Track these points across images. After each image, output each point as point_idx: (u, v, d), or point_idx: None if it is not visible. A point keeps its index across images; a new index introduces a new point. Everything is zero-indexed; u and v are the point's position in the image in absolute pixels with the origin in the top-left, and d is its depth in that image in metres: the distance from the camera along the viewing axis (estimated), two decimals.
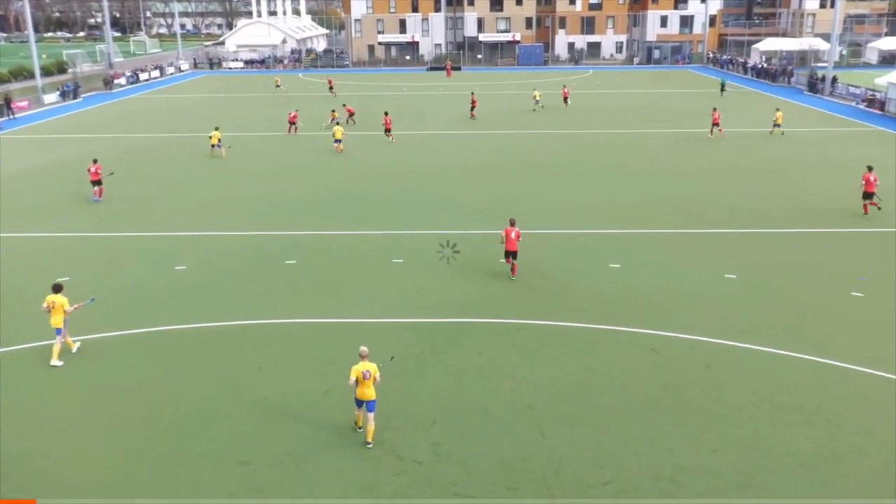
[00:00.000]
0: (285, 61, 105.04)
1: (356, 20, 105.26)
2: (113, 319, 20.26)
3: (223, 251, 26.09)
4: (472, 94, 58.35)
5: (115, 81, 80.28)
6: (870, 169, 29.83)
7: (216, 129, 43.77)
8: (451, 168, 38.47)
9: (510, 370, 17.51)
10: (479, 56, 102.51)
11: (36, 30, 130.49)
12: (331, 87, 70.77)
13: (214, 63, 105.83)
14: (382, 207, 31.41)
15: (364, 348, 15.07)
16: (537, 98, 59.86)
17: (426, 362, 17.95)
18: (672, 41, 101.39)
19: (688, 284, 22.52)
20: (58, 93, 69.11)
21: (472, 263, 24.50)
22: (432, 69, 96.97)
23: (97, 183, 33.49)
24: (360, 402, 15.03)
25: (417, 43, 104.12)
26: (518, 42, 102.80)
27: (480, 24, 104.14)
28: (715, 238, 26.93)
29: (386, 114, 47.63)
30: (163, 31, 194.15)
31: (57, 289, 18.49)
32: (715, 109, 47.95)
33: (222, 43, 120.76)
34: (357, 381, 14.81)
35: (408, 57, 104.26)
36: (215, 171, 38.84)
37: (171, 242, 27.17)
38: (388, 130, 46.07)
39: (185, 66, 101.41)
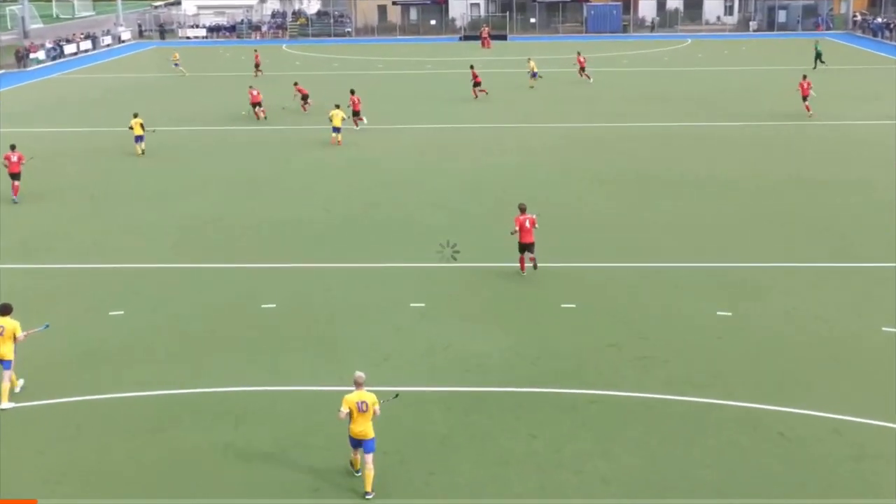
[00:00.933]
0: (263, 28, 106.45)
1: None
2: (28, 384, 20.36)
3: (174, 291, 26.25)
4: (472, 67, 60.48)
5: (31, 56, 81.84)
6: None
7: (135, 115, 44.90)
8: (486, 173, 38.52)
9: (578, 461, 17.32)
10: (533, 20, 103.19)
11: None
12: (257, 65, 70.78)
13: (167, 31, 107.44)
14: (392, 229, 31.48)
15: (360, 374, 16.42)
16: (534, 69, 63.83)
17: (458, 448, 17.83)
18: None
19: (829, 341, 22.26)
20: None
21: (522, 308, 24.41)
22: (466, 38, 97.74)
23: (16, 176, 35.82)
24: (355, 442, 16.39)
25: (447, 3, 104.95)
26: (587, 1, 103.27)
27: None
28: (868, 275, 26.65)
29: (352, 92, 50.16)
30: None
31: (6, 310, 19.68)
32: (805, 77, 50.77)
33: (178, 3, 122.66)
34: (350, 414, 16.13)
35: (433, 22, 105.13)
36: (160, 178, 39.24)
37: (102, 278, 27.39)
38: (356, 113, 49.04)
39: (126, 34, 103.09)
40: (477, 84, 58.44)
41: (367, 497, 16.05)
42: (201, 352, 22.16)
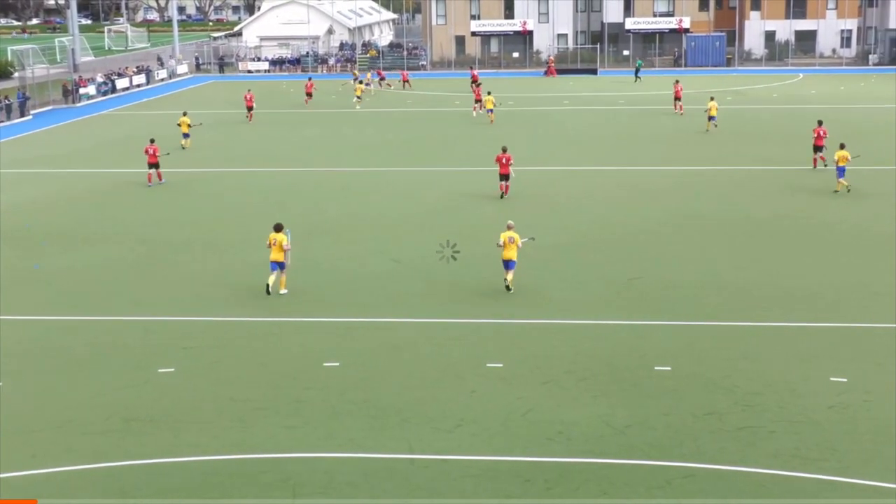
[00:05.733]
0: (330, 61, 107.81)
1: (438, 0, 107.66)
2: (71, 447, 20.73)
3: (229, 346, 26.56)
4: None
5: (81, 91, 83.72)
6: (820, 123, 48.27)
7: (184, 114, 57.99)
8: (585, 221, 38.52)
9: None
10: (626, 52, 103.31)
11: None
12: (249, 108, 70.23)
13: (227, 64, 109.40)
14: (467, 280, 31.57)
15: (511, 222, 29.75)
16: (368, 83, 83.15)
17: None
18: None
19: None
20: None
21: (610, 371, 24.27)
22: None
23: (155, 165, 46.52)
24: (505, 263, 29.27)
25: (531, 33, 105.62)
26: (687, 31, 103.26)
27: (628, 6, 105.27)
28: None
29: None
30: (153, 17, 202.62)
31: (278, 228, 30.10)
32: (821, 123, 48.64)
33: (238, 34, 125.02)
34: (504, 243, 29.06)
35: (516, 54, 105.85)
36: (216, 225, 39.71)
37: (151, 333, 27.81)
38: (478, 101, 68.38)
39: (182, 68, 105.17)
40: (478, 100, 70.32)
41: (509, 290, 29.28)
42: (255, 413, 22.32)
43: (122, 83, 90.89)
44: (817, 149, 47.84)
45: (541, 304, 29.41)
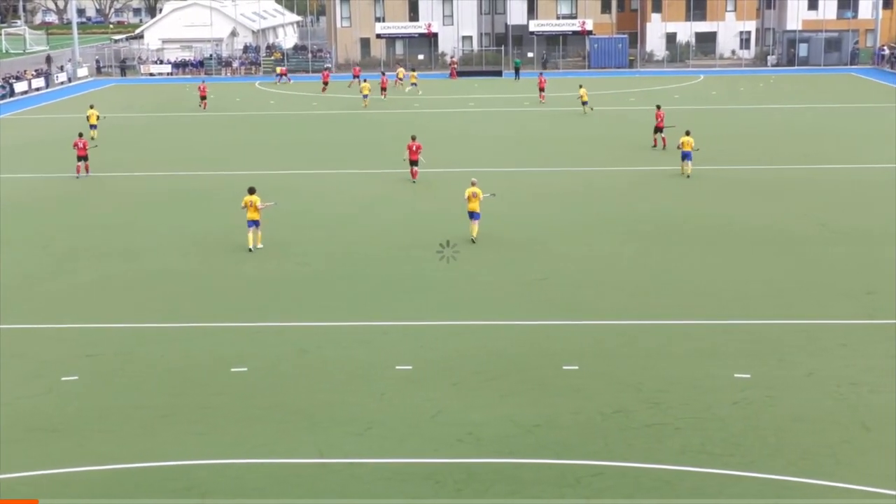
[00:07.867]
0: (234, 64, 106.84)
1: (342, 2, 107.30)
2: None
3: (133, 353, 26.17)
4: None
5: None
6: (658, 108, 55.31)
7: (91, 107, 60.37)
8: (496, 221, 38.62)
9: None
10: (531, 54, 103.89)
11: None
12: (203, 97, 76.03)
13: (128, 67, 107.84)
14: (374, 283, 31.51)
15: (474, 179, 35.42)
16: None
17: None
18: (827, 30, 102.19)
19: (858, 406, 22.17)
20: None
21: (519, 371, 24.39)
22: (459, 74, 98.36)
23: (84, 158, 48.64)
24: (470, 214, 34.58)
25: (436, 35, 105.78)
26: (590, 33, 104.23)
27: (532, 8, 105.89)
28: None
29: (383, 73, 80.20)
30: (52, 19, 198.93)
31: (252, 191, 34.67)
32: (659, 108, 56.01)
33: (140, 36, 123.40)
34: (468, 197, 34.34)
35: (421, 56, 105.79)
36: (117, 232, 39.15)
37: (53, 341, 27.29)
38: (385, 89, 78.50)
39: (83, 71, 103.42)
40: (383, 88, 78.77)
41: (473, 241, 34.25)
42: (162, 420, 22.05)
43: (20, 87, 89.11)
44: (658, 130, 54.07)
45: (449, 305, 29.45)
